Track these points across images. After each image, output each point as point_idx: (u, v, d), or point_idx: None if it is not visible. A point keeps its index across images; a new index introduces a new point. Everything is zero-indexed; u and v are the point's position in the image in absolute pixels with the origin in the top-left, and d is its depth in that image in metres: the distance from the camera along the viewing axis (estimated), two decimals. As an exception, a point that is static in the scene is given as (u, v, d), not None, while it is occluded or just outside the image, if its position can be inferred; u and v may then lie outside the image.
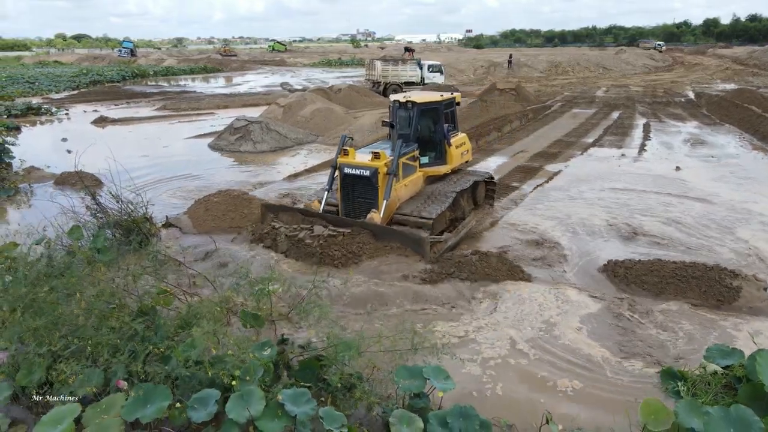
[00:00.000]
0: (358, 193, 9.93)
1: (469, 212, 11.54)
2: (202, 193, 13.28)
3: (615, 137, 21.68)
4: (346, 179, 9.97)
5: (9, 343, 5.56)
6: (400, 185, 10.15)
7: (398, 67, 37.88)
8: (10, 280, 7.95)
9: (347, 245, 9.15)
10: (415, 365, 5.37)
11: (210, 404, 4.90)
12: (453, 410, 4.94)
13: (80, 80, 48.67)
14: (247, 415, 4.68)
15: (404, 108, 10.87)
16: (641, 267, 8.74)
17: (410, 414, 4.92)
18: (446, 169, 11.29)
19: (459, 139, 11.68)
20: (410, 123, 10.71)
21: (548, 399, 5.80)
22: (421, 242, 9.08)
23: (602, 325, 7.39)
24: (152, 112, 30.66)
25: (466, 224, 11.01)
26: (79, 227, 9.34)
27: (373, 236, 9.30)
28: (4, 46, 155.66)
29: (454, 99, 11.58)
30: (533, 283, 8.68)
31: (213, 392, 5.00)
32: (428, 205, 10.03)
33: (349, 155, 10.00)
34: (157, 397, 4.89)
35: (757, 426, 4.24)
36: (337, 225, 9.60)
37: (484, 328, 7.32)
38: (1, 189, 14.17)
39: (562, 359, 6.59)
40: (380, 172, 9.57)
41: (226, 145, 20.00)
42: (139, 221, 10.23)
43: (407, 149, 10.31)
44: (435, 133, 11.17)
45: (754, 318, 7.59)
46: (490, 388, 6.00)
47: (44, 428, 4.61)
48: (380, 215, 9.48)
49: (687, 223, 11.44)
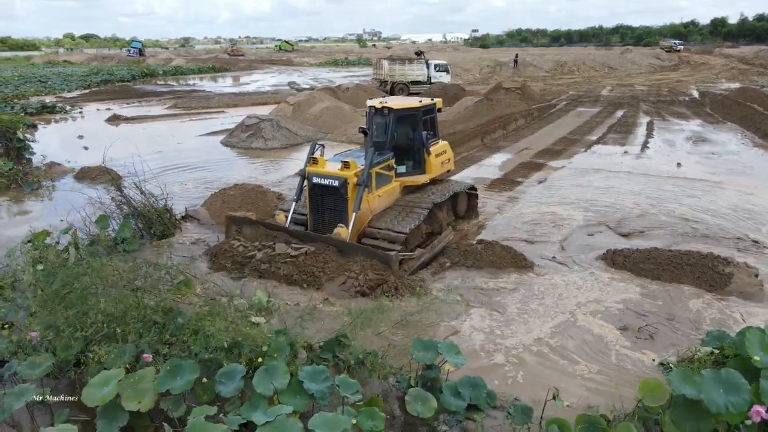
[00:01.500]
0: (328, 204, 9.39)
1: (447, 226, 10.89)
2: (217, 186, 13.80)
3: (618, 135, 22.08)
4: (314, 189, 9.42)
5: (45, 332, 6.00)
6: (373, 196, 9.61)
7: (405, 66, 38.35)
8: (41, 269, 8.54)
9: (308, 265, 8.50)
10: (429, 339, 5.84)
11: (236, 379, 5.25)
12: (463, 381, 5.43)
13: (91, 79, 49.41)
14: (272, 388, 5.04)
15: (380, 114, 10.23)
16: (638, 255, 9.20)
17: (425, 393, 5.32)
18: (424, 179, 10.64)
19: (439, 148, 11.04)
20: (386, 130, 10.11)
21: (559, 379, 6.21)
22: (389, 261, 8.40)
23: (612, 310, 7.87)
24: (164, 111, 31.28)
25: (442, 239, 10.22)
26: (105, 216, 9.92)
27: (338, 253, 8.66)
28: (13, 45, 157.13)
29: (434, 105, 10.95)
30: (537, 270, 9.15)
31: (239, 367, 5.36)
32: (402, 218, 9.48)
33: (318, 164, 9.48)
34: (186, 371, 5.23)
35: (745, 387, 4.67)
36: (302, 240, 9.04)
37: (496, 312, 7.81)
38: (25, 183, 14.78)
39: (573, 342, 7.06)
40: (350, 183, 9.02)
41: (237, 142, 20.55)
42: (161, 212, 10.78)
43: (381, 158, 9.74)
44: (413, 140, 10.54)
45: (746, 302, 8.03)
46: (503, 366, 6.48)
47: (92, 390, 5.10)
48: (348, 230, 8.94)
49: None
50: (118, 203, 10.44)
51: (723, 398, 4.57)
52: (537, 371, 6.39)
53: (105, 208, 10.31)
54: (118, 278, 6.69)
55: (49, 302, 6.37)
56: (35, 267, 8.52)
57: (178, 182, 15.19)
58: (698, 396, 4.67)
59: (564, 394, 5.65)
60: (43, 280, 8.19)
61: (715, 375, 4.74)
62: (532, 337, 7.08)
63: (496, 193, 13.97)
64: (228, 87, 48.59)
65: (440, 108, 11.22)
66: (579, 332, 7.19)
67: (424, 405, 5.20)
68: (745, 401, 4.53)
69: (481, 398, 5.30)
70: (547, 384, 5.80)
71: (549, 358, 6.65)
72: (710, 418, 4.75)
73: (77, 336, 5.90)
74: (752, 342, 5.13)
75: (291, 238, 9.15)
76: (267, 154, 19.33)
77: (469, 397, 5.34)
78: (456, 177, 15.53)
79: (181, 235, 10.96)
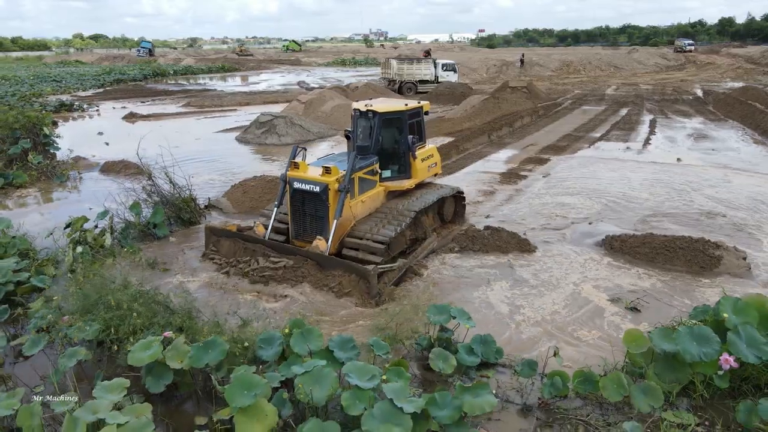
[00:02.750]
0: (309, 210, 9.07)
1: (432, 232, 10.63)
2: (236, 179, 14.53)
3: (622, 132, 22.69)
4: (295, 195, 9.07)
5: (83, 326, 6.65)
6: (356, 201, 9.32)
7: (413, 65, 39.03)
8: (80, 251, 9.32)
9: (287, 279, 8.45)
10: (443, 304, 6.57)
11: (275, 344, 5.86)
12: (475, 338, 6.17)
13: (104, 79, 50.47)
14: (307, 349, 5.67)
15: (365, 117, 9.93)
16: (635, 240, 9.86)
17: (446, 352, 6.03)
18: (410, 183, 10.35)
19: (426, 152, 10.78)
20: (371, 133, 9.82)
21: (557, 343, 6.87)
22: (367, 276, 8.04)
23: (607, 288, 8.55)
24: (178, 109, 32.13)
25: (426, 247, 10.00)
26: (138, 203, 10.68)
27: (317, 266, 8.46)
28: (24, 45, 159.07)
29: (421, 108, 10.58)
30: (540, 253, 9.84)
31: (276, 334, 5.98)
32: (384, 226, 9.14)
33: (299, 168, 9.12)
34: (217, 347, 5.75)
35: (715, 340, 5.39)
36: (280, 253, 8.87)
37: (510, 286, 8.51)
38: (54, 176, 15.62)
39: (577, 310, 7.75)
40: (331, 189, 8.70)
41: (252, 138, 21.32)
42: (187, 201, 11.54)
43: (364, 162, 9.47)
44: (398, 144, 10.25)
45: (734, 282, 8.66)
46: (508, 329, 7.17)
47: (136, 354, 5.72)
48: (327, 242, 8.64)
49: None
50: (149, 192, 11.19)
51: (697, 349, 5.27)
52: (537, 336, 7.07)
53: (137, 195, 11.06)
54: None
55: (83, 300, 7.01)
56: (75, 249, 9.32)
57: (197, 174, 15.93)
58: (675, 348, 5.36)
59: (561, 355, 6.33)
60: (82, 260, 9.00)
61: (689, 330, 5.45)
62: (535, 309, 7.78)
63: (501, 185, 14.64)
64: (238, 86, 49.43)
65: (427, 111, 10.85)
66: (577, 305, 7.88)
67: (446, 362, 5.90)
68: (716, 351, 5.23)
69: (490, 353, 6.05)
70: (547, 345, 6.48)
71: (548, 325, 7.32)
72: (687, 370, 5.44)
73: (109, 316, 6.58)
74: (726, 307, 5.83)
75: (269, 250, 8.95)
76: (281, 149, 20.06)
77: (481, 352, 6.04)
78: (463, 171, 16.31)
79: (206, 222, 11.70)
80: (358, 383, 4.85)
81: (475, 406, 4.86)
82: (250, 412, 4.52)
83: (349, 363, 5.16)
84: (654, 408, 5.18)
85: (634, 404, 5.25)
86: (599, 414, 5.45)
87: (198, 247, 10.14)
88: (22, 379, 6.25)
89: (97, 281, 7.21)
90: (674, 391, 5.48)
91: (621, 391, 5.35)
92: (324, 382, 4.94)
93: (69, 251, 9.22)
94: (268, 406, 4.68)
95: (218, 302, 7.92)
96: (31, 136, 17.09)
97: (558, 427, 5.31)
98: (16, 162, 16.06)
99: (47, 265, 8.98)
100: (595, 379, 5.62)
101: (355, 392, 4.77)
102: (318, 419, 4.52)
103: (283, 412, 4.98)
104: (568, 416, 5.42)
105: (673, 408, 5.43)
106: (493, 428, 5.30)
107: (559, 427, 5.31)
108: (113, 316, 6.50)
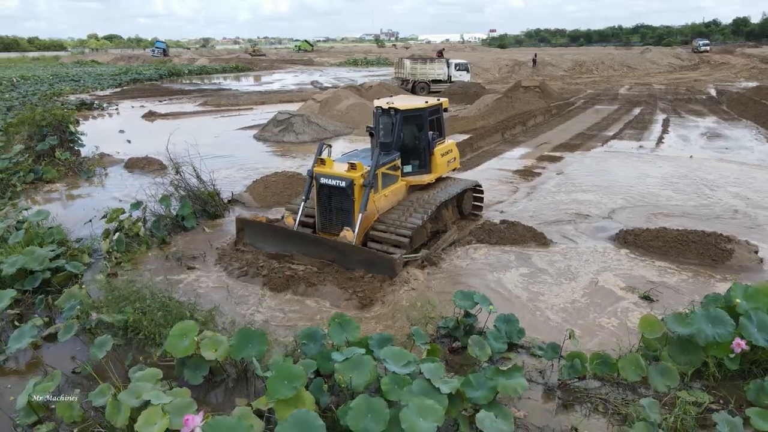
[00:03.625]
0: (335, 204, 9.47)
1: (452, 225, 11.02)
2: (256, 174, 14.94)
3: (635, 131, 22.87)
4: (322, 189, 9.50)
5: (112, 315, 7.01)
6: (379, 196, 9.71)
7: (426, 65, 39.35)
8: (117, 237, 9.77)
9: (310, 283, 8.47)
10: (468, 290, 6.93)
11: (318, 339, 5.99)
12: (500, 317, 6.55)
13: (121, 78, 51.32)
14: (344, 338, 5.88)
15: (387, 114, 10.36)
16: (648, 234, 10.13)
17: (483, 341, 6.28)
18: (430, 178, 10.77)
19: (445, 147, 11.15)
20: (393, 130, 10.23)
21: (574, 327, 7.22)
22: (393, 264, 8.47)
23: (620, 278, 8.83)
24: (195, 108, 32.69)
25: (447, 238, 10.42)
26: (167, 196, 11.10)
27: (338, 272, 8.67)
28: (40, 45, 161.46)
29: (440, 105, 11.00)
30: (555, 246, 10.13)
31: (317, 329, 6.14)
32: (406, 219, 9.54)
33: (326, 164, 9.59)
34: (256, 341, 5.94)
35: (729, 322, 5.68)
36: (309, 244, 9.32)
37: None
38: (81, 171, 16.14)
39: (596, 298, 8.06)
40: (356, 184, 9.11)
41: (270, 136, 21.76)
42: (212, 194, 11.95)
43: (387, 158, 9.85)
44: (419, 140, 10.67)
45: (745, 275, 8.91)
46: (528, 315, 7.49)
47: (174, 340, 5.92)
48: (354, 233, 9.03)
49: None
50: (176, 185, 11.61)
51: (711, 330, 5.57)
52: (555, 321, 7.37)
53: (165, 188, 11.49)
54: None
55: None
56: (110, 237, 9.78)
57: (216, 170, 16.35)
58: (690, 331, 5.65)
59: (577, 338, 6.64)
60: (117, 248, 9.46)
61: (704, 312, 5.74)
62: (552, 296, 8.09)
63: (516, 182, 14.93)
64: (253, 86, 50.03)
65: (446, 108, 11.27)
66: (592, 294, 8.16)
67: (482, 350, 6.15)
68: (729, 332, 5.52)
69: (513, 332, 6.41)
70: (565, 329, 6.79)
71: (565, 312, 7.62)
72: (700, 353, 5.73)
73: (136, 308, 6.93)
74: (737, 293, 6.11)
75: (298, 241, 9.35)
76: (298, 147, 20.47)
77: (505, 331, 6.39)
78: (478, 168, 16.61)
79: (230, 218, 12.09)
80: (395, 369, 5.08)
81: (508, 388, 5.15)
82: (291, 402, 4.73)
83: (386, 348, 5.40)
84: (671, 388, 5.47)
85: (652, 384, 5.54)
86: (618, 393, 5.75)
87: (223, 239, 10.54)
88: (56, 364, 6.46)
89: (126, 286, 7.48)
90: (688, 372, 5.77)
91: (639, 372, 5.64)
92: (363, 368, 5.11)
93: (105, 238, 9.70)
94: (307, 395, 4.89)
95: (235, 301, 8.14)
96: (57, 133, 17.62)
97: (578, 405, 5.61)
98: (43, 158, 16.58)
99: (82, 253, 9.43)
100: (611, 361, 5.92)
101: (393, 377, 5.00)
102: (366, 395, 4.75)
103: (322, 400, 5.14)
104: (588, 395, 5.73)
105: (687, 388, 5.71)
106: (520, 408, 5.59)
107: (579, 405, 5.61)
108: (139, 318, 6.78)
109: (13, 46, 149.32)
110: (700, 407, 5.33)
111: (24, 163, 15.45)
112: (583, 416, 5.45)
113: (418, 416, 4.48)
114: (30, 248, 8.62)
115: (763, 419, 4.87)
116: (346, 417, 4.50)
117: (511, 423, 4.85)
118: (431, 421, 4.46)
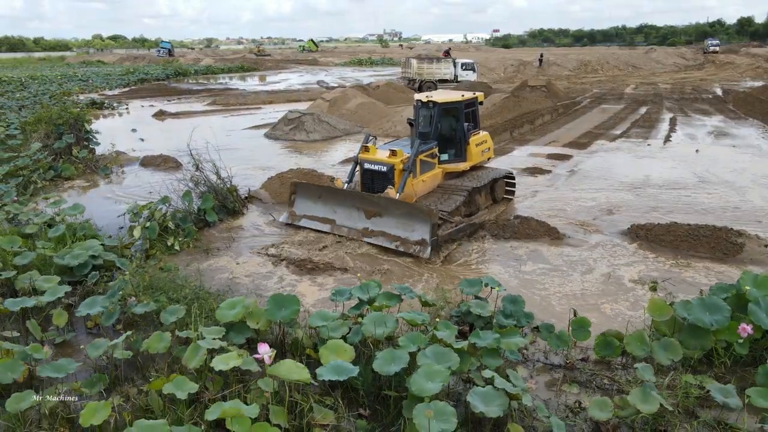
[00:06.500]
0: (377, 187, 10.71)
1: (484, 208, 11.97)
2: (268, 173, 15.20)
3: (642, 129, 23.07)
4: (366, 173, 10.94)
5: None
6: (417, 181, 10.76)
7: (433, 65, 39.61)
8: (147, 226, 10.07)
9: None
10: (473, 278, 7.19)
11: (345, 294, 6.58)
12: (506, 298, 6.77)
13: (129, 78, 51.75)
14: (367, 296, 6.41)
15: (426, 107, 11.46)
16: (659, 228, 10.35)
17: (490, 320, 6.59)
18: (464, 166, 11.78)
19: (480, 138, 12.16)
20: (431, 121, 11.34)
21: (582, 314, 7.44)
22: (430, 216, 9.32)
23: (630, 270, 9.07)
24: (204, 107, 33.02)
25: (479, 215, 11.49)
26: (189, 192, 11.37)
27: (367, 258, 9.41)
28: (45, 46, 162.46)
29: (476, 99, 11.98)
30: (568, 240, 10.37)
31: (345, 288, 6.67)
32: (443, 202, 10.65)
33: (369, 152, 10.95)
34: (290, 304, 6.26)
35: (725, 308, 5.89)
36: (355, 199, 10.29)
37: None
38: (98, 169, 16.44)
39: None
40: (396, 169, 10.38)
41: (281, 135, 22.03)
42: (231, 190, 12.22)
43: (425, 147, 10.93)
44: (455, 131, 11.65)
45: (755, 268, 9.12)
46: (537, 303, 7.74)
47: (223, 311, 6.20)
48: (396, 192, 10.19)
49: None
50: (196, 181, 11.87)
51: (708, 317, 5.85)
52: (565, 307, 7.56)
53: (185, 185, 11.75)
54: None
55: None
56: (139, 228, 10.06)
57: (232, 167, 16.62)
58: (691, 318, 5.90)
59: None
60: (149, 236, 9.78)
61: (701, 301, 6.03)
62: (562, 285, 8.35)
63: (526, 179, 15.15)
64: (259, 85, 50.34)
65: (482, 101, 12.19)
66: (603, 285, 8.41)
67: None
68: (726, 318, 5.77)
69: (520, 312, 6.58)
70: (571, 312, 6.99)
71: (575, 300, 7.85)
72: (710, 337, 5.96)
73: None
74: (747, 281, 6.35)
75: (345, 200, 10.36)
76: (309, 145, 20.75)
77: (512, 311, 6.61)
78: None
79: (249, 213, 12.35)
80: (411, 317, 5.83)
81: (511, 343, 5.60)
82: (331, 347, 5.26)
83: (404, 312, 5.93)
84: (674, 361, 5.65)
85: (655, 357, 5.68)
86: (624, 374, 5.97)
87: (243, 233, 10.88)
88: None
89: (164, 276, 7.86)
90: (696, 356, 5.95)
91: (644, 347, 5.84)
92: (386, 322, 5.77)
93: (138, 228, 9.97)
94: (347, 345, 5.36)
95: (266, 285, 8.57)
96: (74, 132, 17.94)
97: (585, 381, 5.82)
98: (61, 156, 16.88)
99: (124, 247, 9.64)
100: (615, 345, 6.12)
101: (410, 335, 5.53)
102: (392, 348, 5.29)
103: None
104: (595, 374, 5.95)
105: (695, 372, 5.90)
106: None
107: (586, 381, 5.82)
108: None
109: (18, 46, 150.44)
110: (704, 388, 5.54)
111: (43, 160, 15.75)
112: (587, 393, 5.60)
113: (434, 361, 4.97)
114: (88, 242, 8.66)
115: (763, 397, 4.98)
116: (373, 363, 5.02)
117: (521, 381, 5.06)
118: (445, 366, 4.87)
